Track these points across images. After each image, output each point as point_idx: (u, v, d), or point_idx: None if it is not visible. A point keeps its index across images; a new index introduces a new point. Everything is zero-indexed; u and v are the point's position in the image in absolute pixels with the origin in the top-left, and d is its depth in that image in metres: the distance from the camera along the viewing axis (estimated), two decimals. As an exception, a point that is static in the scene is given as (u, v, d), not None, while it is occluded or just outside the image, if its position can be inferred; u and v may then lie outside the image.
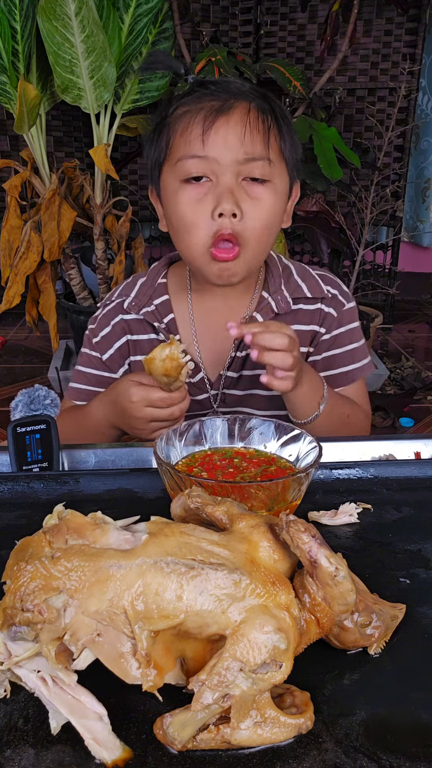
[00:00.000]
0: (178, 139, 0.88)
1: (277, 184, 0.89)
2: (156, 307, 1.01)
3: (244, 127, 0.85)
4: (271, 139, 0.87)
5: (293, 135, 0.92)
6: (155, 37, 2.47)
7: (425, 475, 0.74)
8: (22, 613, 0.40)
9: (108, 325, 1.04)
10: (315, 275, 1.04)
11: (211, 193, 0.86)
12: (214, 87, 0.88)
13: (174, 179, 0.89)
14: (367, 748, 0.40)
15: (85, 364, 1.06)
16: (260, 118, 0.86)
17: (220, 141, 0.84)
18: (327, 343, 1.03)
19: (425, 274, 4.07)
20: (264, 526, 0.45)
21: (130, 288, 1.05)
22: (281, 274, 1.02)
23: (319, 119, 2.77)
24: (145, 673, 0.40)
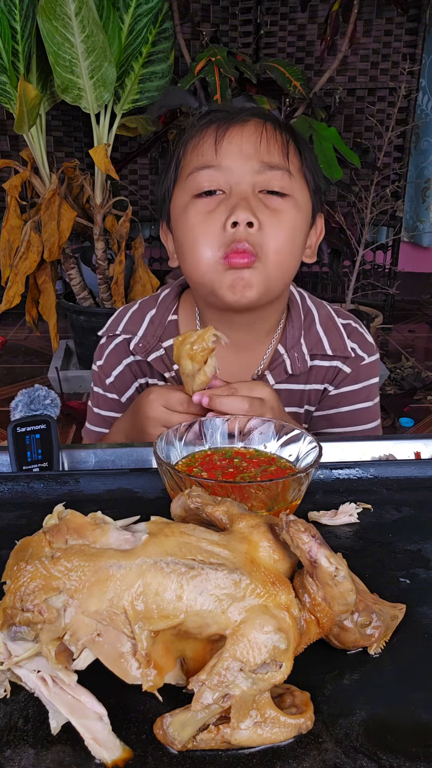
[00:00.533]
0: (189, 155, 0.82)
1: (299, 199, 0.80)
2: (165, 350, 0.92)
3: (259, 136, 0.79)
4: (290, 152, 0.80)
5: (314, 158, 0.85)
6: (155, 37, 2.47)
7: (425, 475, 0.74)
8: (22, 613, 0.40)
9: (119, 365, 0.95)
10: (340, 325, 0.93)
11: (224, 204, 0.78)
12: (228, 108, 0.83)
13: (184, 195, 0.81)
14: (367, 748, 0.40)
15: (102, 406, 0.98)
16: (277, 131, 0.80)
17: (234, 149, 0.78)
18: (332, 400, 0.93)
19: (425, 274, 4.07)
20: (264, 526, 0.45)
21: (137, 324, 0.94)
22: (302, 323, 0.91)
23: (319, 119, 2.78)
24: (145, 673, 0.40)
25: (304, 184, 0.83)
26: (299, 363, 0.90)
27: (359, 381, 0.94)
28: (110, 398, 0.98)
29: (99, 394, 0.99)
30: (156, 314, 0.94)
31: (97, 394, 0.99)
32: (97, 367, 0.99)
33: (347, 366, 0.93)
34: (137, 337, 0.93)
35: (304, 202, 0.82)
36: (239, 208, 0.76)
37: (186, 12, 2.88)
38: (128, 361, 0.95)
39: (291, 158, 0.80)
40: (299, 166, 0.82)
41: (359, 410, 0.94)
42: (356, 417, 0.95)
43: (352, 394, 0.94)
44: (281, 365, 0.90)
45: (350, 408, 0.94)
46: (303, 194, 0.82)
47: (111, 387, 0.97)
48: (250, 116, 0.81)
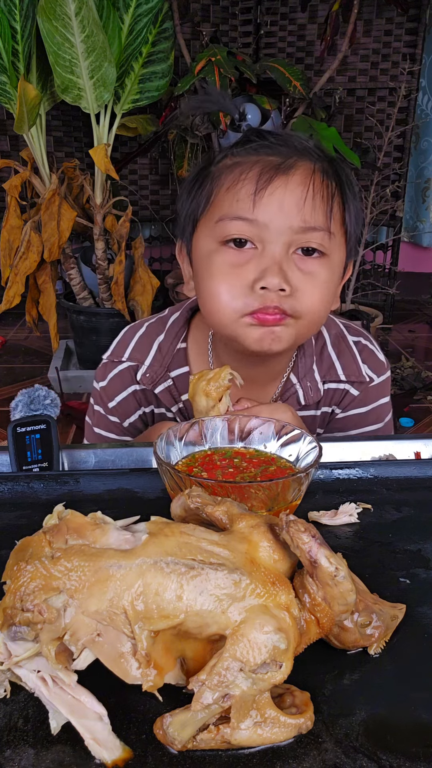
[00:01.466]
0: (223, 194, 0.73)
1: (334, 259, 0.75)
2: (173, 381, 0.87)
3: (306, 191, 0.70)
4: (334, 208, 0.73)
5: (358, 206, 0.78)
6: (155, 37, 2.48)
7: (425, 475, 0.74)
8: (22, 613, 0.40)
9: (123, 391, 0.91)
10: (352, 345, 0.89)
11: (254, 262, 0.72)
12: (274, 139, 0.74)
13: (211, 240, 0.74)
14: (367, 748, 0.40)
15: (102, 426, 0.94)
16: (325, 183, 0.72)
17: (275, 204, 0.70)
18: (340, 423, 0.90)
19: (425, 274, 4.07)
20: (264, 526, 0.45)
21: (145, 351, 0.89)
22: (314, 349, 0.87)
23: (319, 119, 2.78)
24: (145, 673, 0.40)
25: (342, 240, 0.77)
26: (312, 392, 0.86)
27: (367, 403, 0.90)
28: (111, 421, 0.94)
29: (100, 414, 0.94)
30: (164, 341, 0.89)
31: (98, 414, 0.95)
32: (99, 387, 0.94)
33: (355, 389, 0.90)
34: (144, 366, 0.89)
35: (339, 258, 0.77)
36: (271, 273, 0.71)
37: (186, 12, 2.88)
38: (133, 389, 0.91)
39: (335, 214, 0.74)
40: (341, 221, 0.76)
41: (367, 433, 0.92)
42: None
43: (360, 417, 0.90)
44: (293, 396, 0.87)
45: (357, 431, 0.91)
46: (340, 252, 0.77)
47: (113, 411, 0.93)
48: (298, 159, 0.73)
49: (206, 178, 0.76)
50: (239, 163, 0.73)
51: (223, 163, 0.75)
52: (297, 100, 2.68)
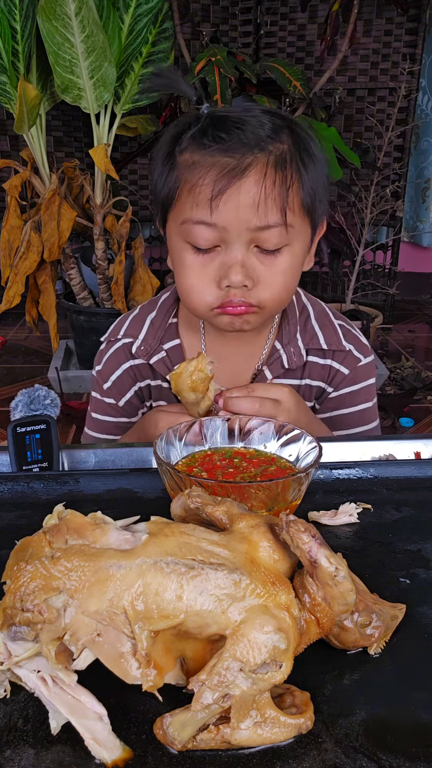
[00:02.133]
0: (185, 194, 0.77)
1: (295, 245, 0.79)
2: (167, 352, 0.93)
3: (260, 191, 0.73)
4: (290, 199, 0.75)
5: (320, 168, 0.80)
6: (155, 37, 2.48)
7: (425, 475, 0.74)
8: (22, 613, 0.40)
9: (118, 369, 0.96)
10: (335, 323, 0.95)
11: (218, 261, 0.77)
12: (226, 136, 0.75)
13: (179, 237, 0.80)
14: (367, 748, 0.40)
15: (99, 411, 0.99)
16: (278, 178, 0.75)
17: (231, 208, 0.74)
18: (335, 401, 0.95)
19: (425, 274, 4.07)
20: (264, 526, 0.45)
21: (138, 327, 0.95)
22: (297, 319, 0.93)
23: (319, 119, 2.78)
24: (145, 673, 0.40)
25: (304, 222, 0.80)
26: (295, 357, 0.92)
27: (357, 382, 0.95)
28: (107, 403, 0.99)
29: (96, 399, 1.00)
30: (156, 317, 0.95)
31: (94, 399, 1.00)
32: (95, 372, 1.00)
33: (345, 367, 0.94)
34: (138, 340, 0.94)
35: (301, 242, 0.80)
36: (233, 272, 0.76)
37: (186, 12, 2.88)
38: (127, 366, 0.96)
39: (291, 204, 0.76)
40: (300, 204, 0.78)
41: (360, 411, 0.96)
42: (357, 418, 0.96)
43: (352, 395, 0.95)
44: (278, 360, 0.92)
45: (351, 410, 0.96)
46: (301, 235, 0.80)
47: (108, 392, 0.98)
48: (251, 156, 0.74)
49: (172, 167, 0.79)
50: (198, 164, 0.76)
51: (184, 157, 0.78)
52: (297, 100, 2.68)
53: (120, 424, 0.99)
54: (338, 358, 0.94)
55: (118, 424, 1.00)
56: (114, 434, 0.99)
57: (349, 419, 0.96)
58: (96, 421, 1.00)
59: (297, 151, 0.78)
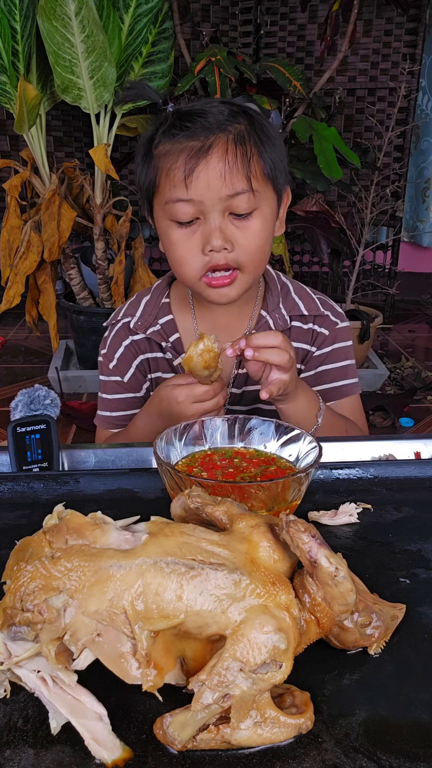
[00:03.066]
0: (163, 180, 0.89)
1: (264, 209, 0.90)
2: (161, 326, 1.04)
3: (224, 165, 0.85)
4: (252, 168, 0.87)
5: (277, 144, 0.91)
6: (155, 37, 2.47)
7: (425, 475, 0.74)
8: (22, 613, 0.40)
9: (120, 347, 1.06)
10: (312, 295, 1.07)
11: (200, 231, 0.88)
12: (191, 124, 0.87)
13: (164, 217, 0.91)
14: (367, 748, 0.40)
15: (107, 391, 1.08)
16: (239, 151, 0.86)
17: (202, 183, 0.85)
18: (319, 359, 1.06)
19: (425, 274, 4.07)
20: (264, 526, 0.45)
21: (135, 307, 1.06)
22: (279, 292, 1.05)
23: (319, 119, 2.78)
24: (145, 673, 0.40)
25: (268, 187, 0.90)
26: (281, 322, 1.03)
27: (337, 341, 1.07)
28: (113, 381, 1.07)
29: (104, 381, 1.09)
30: (150, 299, 1.07)
31: (103, 382, 1.09)
32: (102, 356, 1.09)
33: (324, 329, 1.06)
34: (135, 317, 1.05)
35: (269, 205, 0.91)
36: (214, 237, 0.87)
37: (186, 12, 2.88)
38: (127, 342, 1.05)
39: (254, 173, 0.87)
40: (262, 173, 0.89)
41: (341, 367, 1.07)
42: (338, 373, 1.07)
43: (333, 353, 1.06)
44: (265, 324, 1.03)
45: (333, 366, 1.07)
46: (268, 199, 0.91)
47: (114, 370, 1.07)
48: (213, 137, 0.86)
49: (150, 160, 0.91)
50: (170, 152, 0.88)
51: (159, 150, 0.90)
52: (297, 100, 2.68)
53: (128, 399, 1.07)
54: (318, 322, 1.06)
55: (126, 399, 1.07)
56: (123, 410, 1.07)
57: (332, 374, 1.07)
58: (106, 401, 1.08)
59: (253, 129, 0.89)
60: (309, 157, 2.55)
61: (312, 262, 3.69)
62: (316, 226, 2.83)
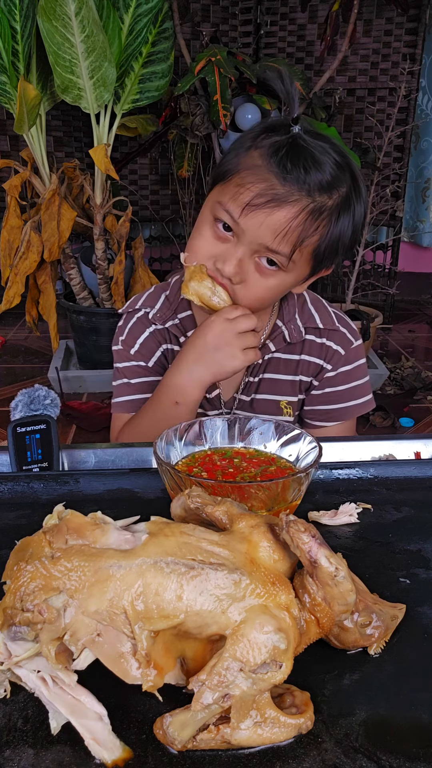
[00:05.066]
0: (233, 183, 0.85)
1: (289, 276, 0.89)
2: (180, 321, 1.03)
3: (286, 225, 0.83)
4: (305, 242, 0.85)
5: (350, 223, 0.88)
6: (155, 37, 2.47)
7: (425, 475, 0.74)
8: (22, 613, 0.40)
9: (143, 333, 1.04)
10: (329, 309, 1.06)
11: (225, 247, 0.87)
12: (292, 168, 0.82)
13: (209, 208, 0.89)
14: (367, 748, 0.40)
15: (130, 375, 1.05)
16: (305, 225, 0.83)
17: (257, 222, 0.83)
18: (331, 380, 1.04)
19: (425, 274, 4.07)
20: (264, 526, 0.45)
21: (154, 300, 1.05)
22: (296, 302, 1.03)
23: (319, 119, 2.78)
24: (145, 673, 0.40)
25: (307, 262, 0.89)
26: (295, 333, 1.01)
27: (351, 362, 1.05)
28: (136, 365, 1.05)
29: (123, 367, 1.05)
30: (170, 293, 1.05)
31: (121, 369, 1.06)
32: (120, 343, 1.06)
33: (338, 346, 1.04)
34: (155, 309, 1.03)
35: (297, 275, 0.90)
36: (229, 263, 0.86)
37: (186, 12, 2.88)
38: (152, 329, 1.04)
39: (304, 248, 0.85)
40: (312, 249, 0.87)
41: (353, 387, 1.06)
42: (350, 393, 1.06)
43: (347, 373, 1.05)
44: (280, 335, 1.02)
45: (346, 386, 1.05)
46: (299, 271, 0.89)
47: (137, 355, 1.04)
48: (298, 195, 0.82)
49: (244, 153, 0.86)
50: (258, 168, 0.84)
51: (254, 153, 0.85)
52: (297, 100, 2.68)
53: (153, 383, 1.02)
54: (333, 338, 1.03)
55: (152, 383, 1.03)
56: (148, 392, 1.02)
57: (344, 394, 1.06)
58: (130, 385, 1.04)
59: (339, 203, 0.86)
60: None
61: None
62: (316, 226, 2.83)
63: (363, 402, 1.06)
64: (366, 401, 1.07)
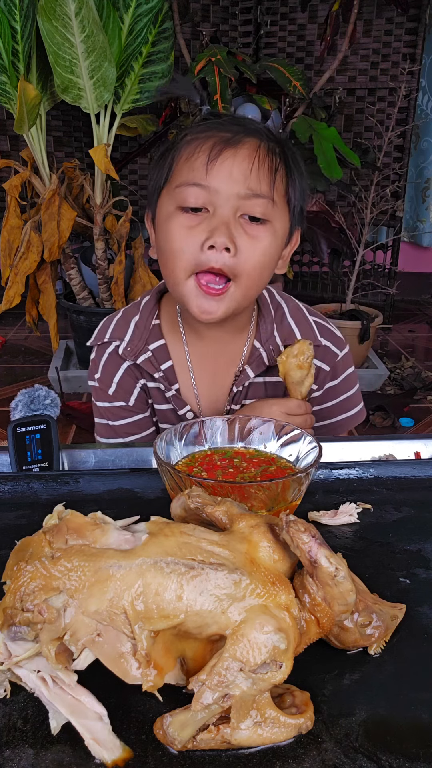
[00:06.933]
0: (181, 164, 0.83)
1: (277, 226, 0.84)
2: (152, 353, 0.96)
3: (251, 162, 0.80)
4: (277, 180, 0.82)
5: (303, 182, 0.87)
6: (155, 37, 2.47)
7: (425, 475, 0.74)
8: (22, 613, 0.40)
9: (118, 371, 0.98)
10: (310, 319, 0.99)
11: (205, 224, 0.81)
12: (228, 119, 0.84)
13: (170, 204, 0.84)
14: (367, 748, 0.40)
15: (113, 417, 0.99)
16: (269, 157, 0.82)
17: (225, 172, 0.80)
18: (318, 399, 1.00)
19: (425, 274, 4.07)
20: (264, 526, 0.45)
21: (123, 329, 0.98)
22: (273, 317, 0.97)
23: (319, 119, 2.78)
24: (145, 673, 0.40)
25: (285, 209, 0.86)
26: (275, 353, 0.95)
27: (337, 376, 1.00)
28: (117, 407, 0.99)
29: (104, 407, 1.00)
30: (140, 320, 0.98)
31: (102, 408, 1.01)
32: (96, 381, 1.00)
33: (325, 364, 0.99)
34: (124, 342, 0.97)
35: (282, 226, 0.86)
36: (218, 233, 0.79)
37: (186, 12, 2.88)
38: (126, 366, 0.98)
39: (277, 185, 0.83)
40: (284, 192, 0.85)
41: (342, 401, 1.02)
42: (339, 408, 1.02)
43: (335, 389, 1.01)
44: (258, 358, 0.96)
45: (334, 401, 1.01)
46: (282, 220, 0.86)
47: (115, 396, 0.98)
48: (246, 136, 0.82)
49: (169, 152, 0.86)
50: (196, 138, 0.83)
51: (183, 140, 0.85)
52: (297, 100, 2.68)
53: (138, 422, 0.99)
54: (317, 355, 0.97)
55: (137, 422, 0.99)
56: (135, 434, 0.99)
57: (333, 409, 1.02)
58: (114, 428, 0.99)
59: (284, 153, 0.85)
60: (309, 157, 2.55)
61: (312, 262, 3.69)
62: (316, 226, 2.83)
63: (354, 414, 1.02)
64: (357, 412, 1.03)
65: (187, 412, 0.96)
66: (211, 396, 0.97)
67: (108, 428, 1.00)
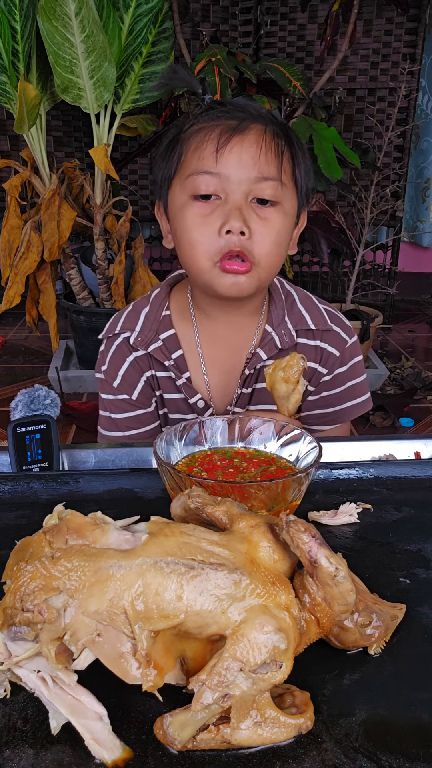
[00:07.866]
0: (191, 154, 0.86)
1: (287, 206, 0.88)
2: (163, 342, 0.98)
3: (259, 147, 0.84)
4: (284, 162, 0.86)
5: (307, 163, 0.91)
6: (155, 37, 2.47)
7: (425, 475, 0.74)
8: (22, 613, 0.40)
9: (124, 363, 1.00)
10: (320, 306, 1.03)
11: (219, 211, 0.85)
12: (232, 106, 0.87)
13: (183, 194, 0.87)
14: (367, 748, 0.40)
15: (115, 410, 1.01)
16: (275, 141, 0.86)
17: (234, 159, 0.83)
18: (327, 384, 1.02)
19: (425, 274, 4.07)
20: (264, 526, 0.45)
21: (134, 321, 1.00)
22: (284, 303, 1.00)
23: (319, 119, 2.78)
24: (145, 673, 0.40)
25: (293, 190, 0.90)
26: (287, 338, 0.98)
27: (346, 362, 1.02)
28: (120, 400, 1.01)
29: (108, 399, 1.02)
30: (150, 311, 1.00)
31: (106, 401, 1.02)
32: (102, 373, 1.02)
33: (332, 348, 1.01)
34: (135, 332, 0.99)
35: (291, 207, 0.89)
36: (233, 218, 0.83)
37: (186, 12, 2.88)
38: (131, 359, 0.99)
39: (284, 167, 0.86)
40: (291, 173, 0.88)
41: (351, 387, 1.03)
42: (348, 394, 1.03)
43: (343, 374, 1.03)
44: (271, 341, 0.98)
45: (343, 387, 1.03)
46: (291, 200, 0.89)
47: (119, 388, 1.00)
48: (252, 122, 0.86)
49: (177, 143, 0.89)
50: (203, 128, 0.86)
51: (190, 130, 0.88)
52: (297, 100, 2.68)
53: (140, 416, 1.01)
54: (327, 339, 1.00)
55: (138, 417, 1.01)
56: (136, 428, 1.01)
57: (341, 395, 1.03)
58: (115, 420, 1.01)
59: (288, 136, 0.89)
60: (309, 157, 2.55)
61: (312, 262, 3.69)
62: (316, 226, 2.83)
63: (361, 401, 1.04)
64: (364, 400, 1.04)
65: (198, 401, 0.98)
66: (222, 383, 0.99)
67: (110, 420, 1.02)
